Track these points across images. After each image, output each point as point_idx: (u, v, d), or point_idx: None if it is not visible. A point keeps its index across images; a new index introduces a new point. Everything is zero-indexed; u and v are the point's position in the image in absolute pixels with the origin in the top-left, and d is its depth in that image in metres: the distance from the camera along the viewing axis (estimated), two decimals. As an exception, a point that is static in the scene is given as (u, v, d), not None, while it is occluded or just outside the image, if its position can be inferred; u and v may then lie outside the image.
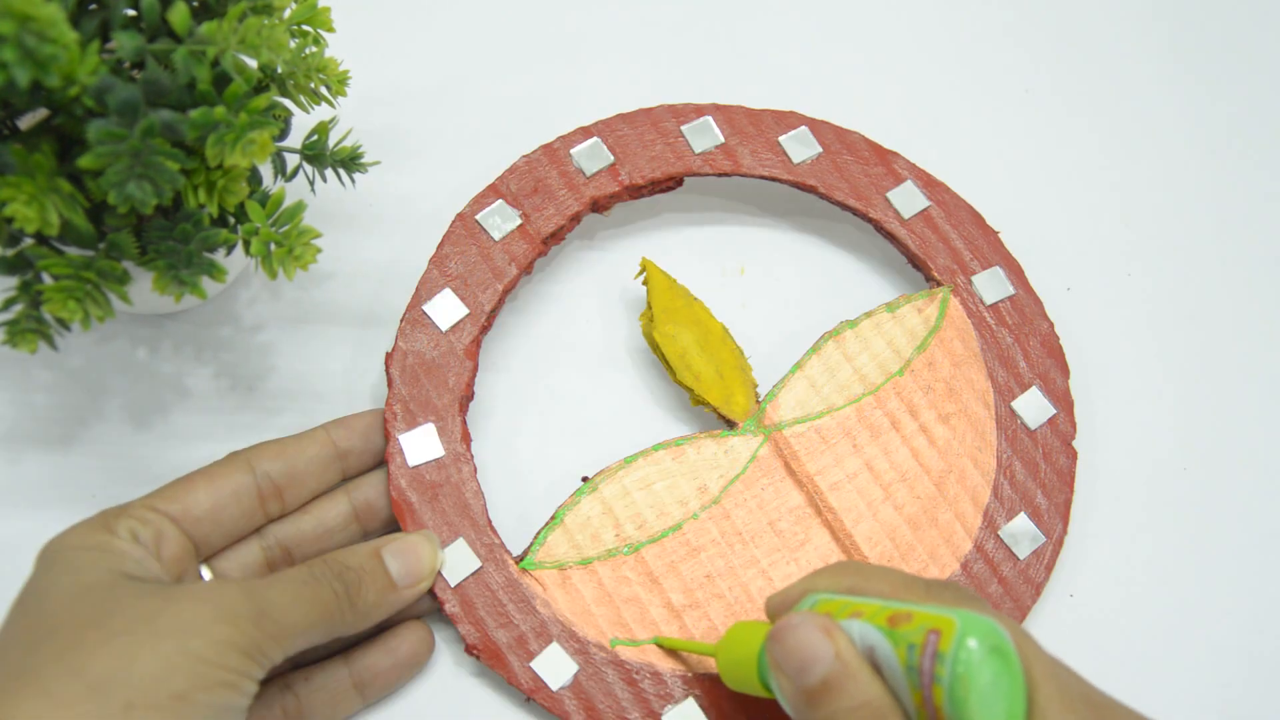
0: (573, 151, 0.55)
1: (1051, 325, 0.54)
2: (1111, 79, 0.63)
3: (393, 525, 0.48)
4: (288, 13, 0.45)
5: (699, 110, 0.57)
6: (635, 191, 0.55)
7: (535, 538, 0.49)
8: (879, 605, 0.38)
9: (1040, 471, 0.52)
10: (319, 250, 0.44)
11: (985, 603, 0.39)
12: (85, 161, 0.37)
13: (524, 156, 0.55)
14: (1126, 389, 0.56)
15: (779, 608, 0.42)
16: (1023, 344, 0.54)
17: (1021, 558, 0.50)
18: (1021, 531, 0.50)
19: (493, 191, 0.54)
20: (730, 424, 0.52)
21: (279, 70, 0.45)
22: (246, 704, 0.39)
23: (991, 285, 0.55)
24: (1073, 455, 0.52)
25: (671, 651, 0.48)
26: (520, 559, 0.48)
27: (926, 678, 0.35)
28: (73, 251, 0.43)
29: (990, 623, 0.36)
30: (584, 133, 0.55)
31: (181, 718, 0.37)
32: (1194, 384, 0.56)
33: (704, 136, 0.56)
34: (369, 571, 0.44)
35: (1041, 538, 0.50)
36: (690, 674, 0.47)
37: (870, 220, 0.56)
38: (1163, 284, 0.58)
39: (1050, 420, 0.53)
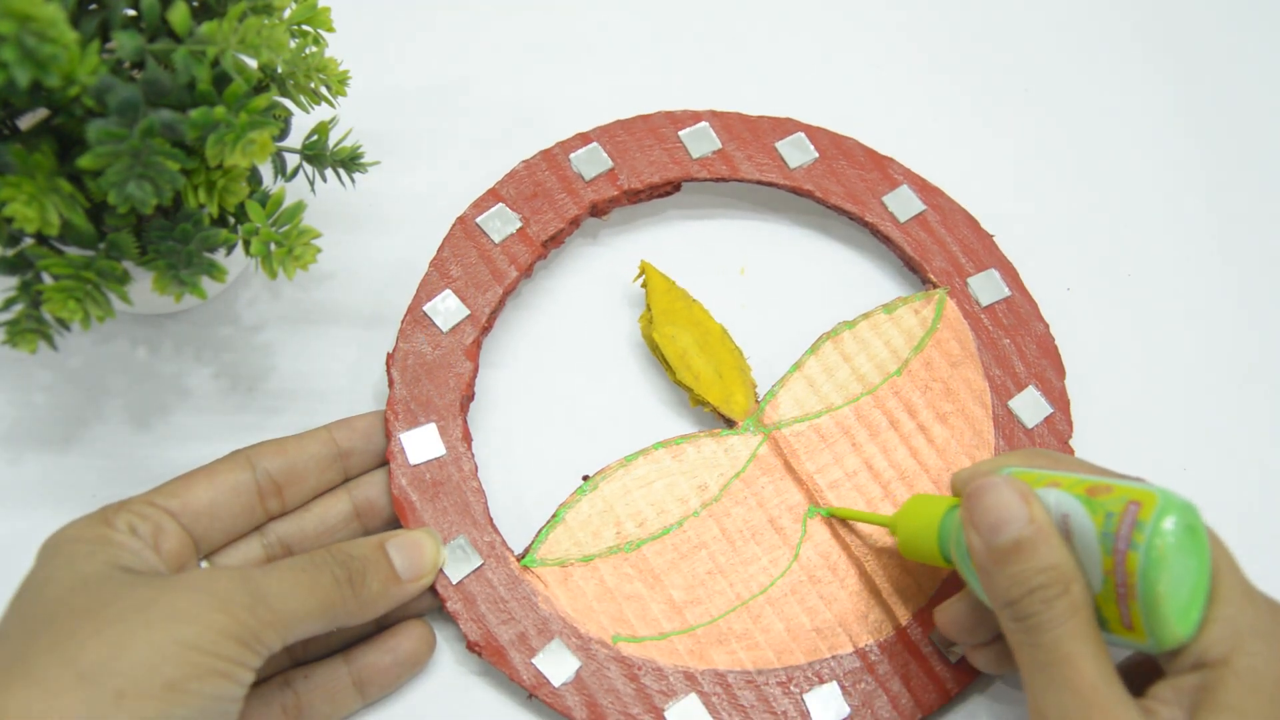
0: (572, 156, 0.55)
1: (1047, 327, 0.55)
2: (1109, 80, 0.64)
3: (394, 524, 0.49)
4: (288, 13, 0.45)
5: (696, 116, 0.57)
6: (634, 196, 0.55)
7: (536, 536, 0.49)
8: (1077, 478, 0.41)
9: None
10: (319, 250, 0.44)
11: None
12: (85, 161, 0.37)
13: (523, 162, 0.55)
14: (1127, 389, 0.56)
15: (968, 482, 0.43)
16: (1018, 345, 0.54)
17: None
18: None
19: (492, 195, 0.54)
20: (730, 423, 0.52)
21: (279, 70, 0.46)
22: (242, 693, 0.39)
23: (987, 287, 0.55)
24: (1069, 454, 0.52)
25: (671, 648, 0.48)
26: (521, 557, 0.48)
27: (1123, 543, 0.37)
28: (73, 251, 0.43)
29: (1189, 503, 0.38)
30: (582, 139, 0.56)
31: (174, 706, 0.37)
32: (1194, 384, 0.56)
33: (701, 142, 0.56)
34: (373, 562, 0.44)
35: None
36: (692, 670, 0.47)
37: (866, 224, 0.56)
38: (1162, 284, 0.58)
39: (1047, 419, 0.53)
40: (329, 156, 0.48)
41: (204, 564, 0.45)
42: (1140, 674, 0.42)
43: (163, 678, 0.37)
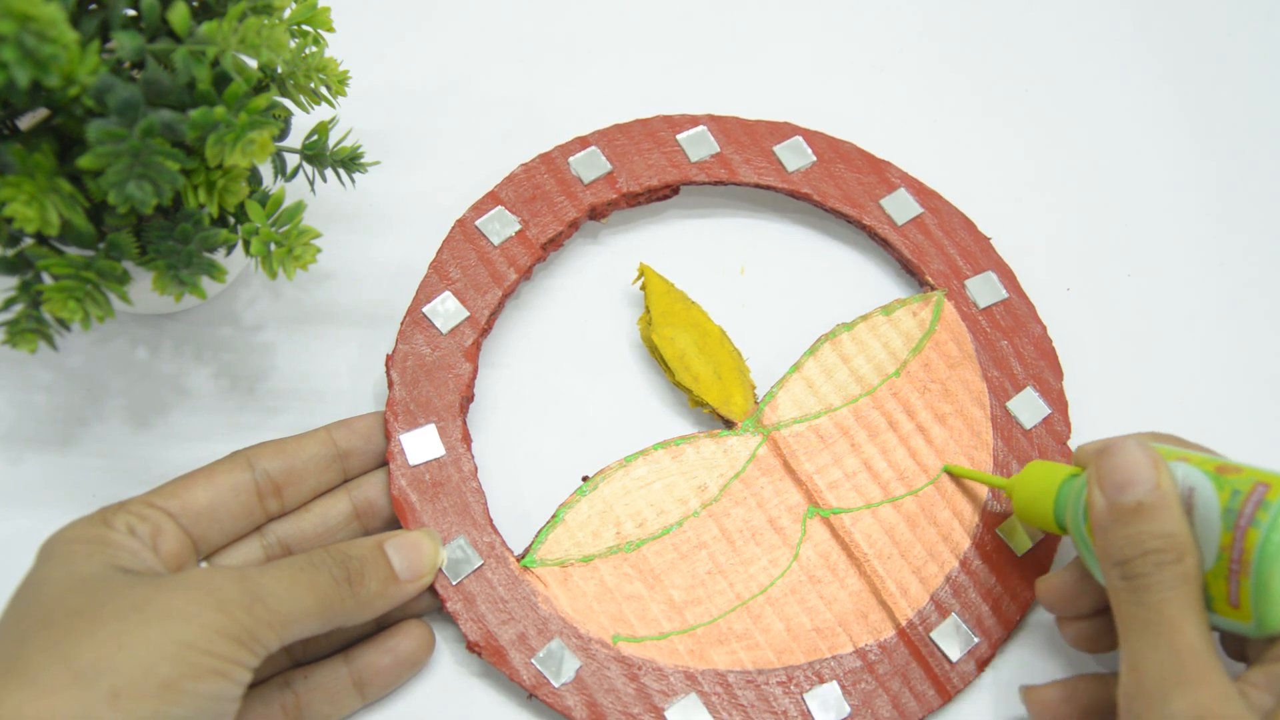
0: (570, 160, 0.55)
1: (1044, 328, 0.55)
2: (1106, 82, 0.64)
3: (393, 524, 0.49)
4: (288, 13, 0.45)
5: (694, 120, 0.57)
6: (632, 199, 0.55)
7: (536, 536, 0.49)
8: (1207, 456, 0.42)
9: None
10: (319, 250, 0.44)
11: None
12: (85, 161, 0.37)
13: (522, 165, 0.55)
14: (1127, 389, 0.56)
15: (1095, 450, 0.44)
16: (1016, 346, 0.54)
17: (1020, 554, 0.50)
18: (1020, 530, 0.51)
19: (492, 198, 0.54)
20: (729, 424, 0.52)
21: (279, 70, 0.46)
22: (239, 692, 0.39)
23: (984, 290, 0.55)
24: (1067, 455, 0.52)
25: (672, 648, 0.48)
26: (521, 557, 0.48)
27: (1245, 520, 0.38)
28: (73, 251, 0.43)
29: None
30: (581, 142, 0.56)
31: (170, 705, 0.37)
32: (1192, 385, 0.56)
33: (699, 146, 0.56)
34: (371, 561, 0.44)
35: (1040, 534, 0.51)
36: (693, 669, 0.47)
37: (864, 227, 0.56)
38: (1161, 286, 0.58)
39: (1045, 420, 0.53)
40: (329, 156, 0.48)
41: (203, 564, 0.45)
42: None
43: (159, 677, 0.37)
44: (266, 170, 0.48)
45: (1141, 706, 0.39)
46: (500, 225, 0.54)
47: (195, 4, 0.42)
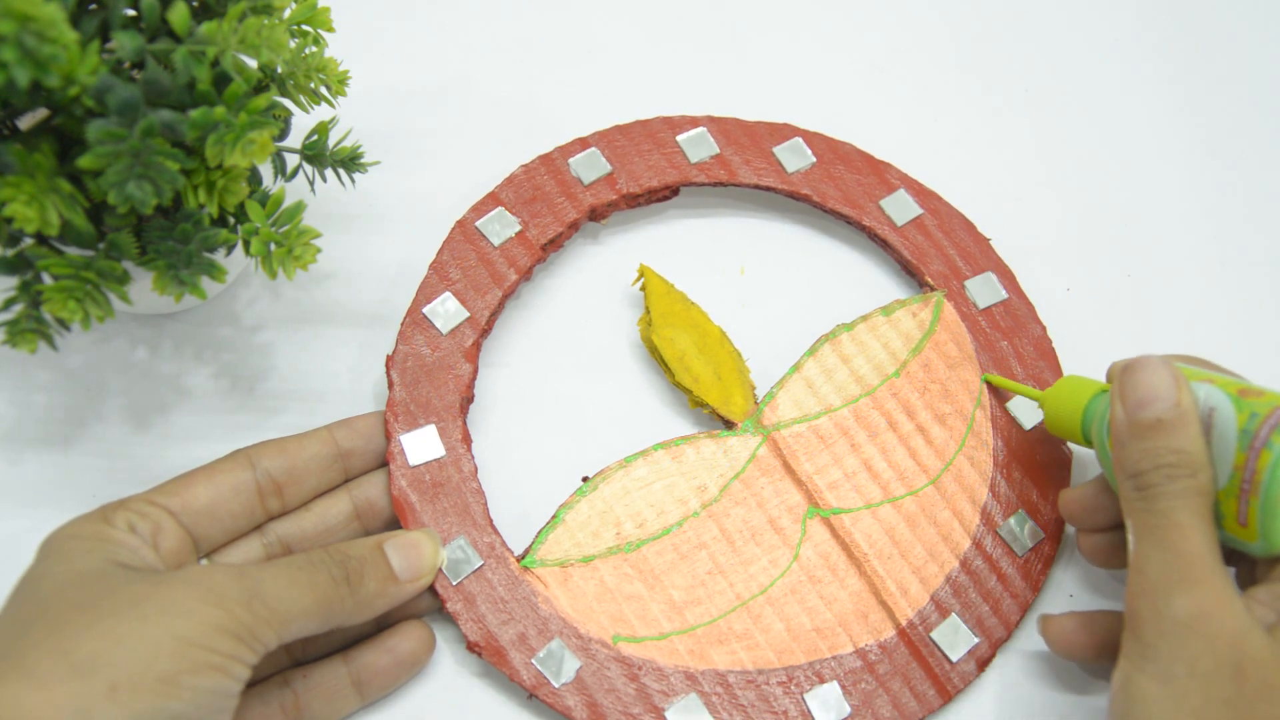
0: (570, 161, 0.55)
1: (1044, 329, 0.55)
2: (1106, 83, 0.64)
3: (394, 524, 0.49)
4: (288, 13, 0.45)
5: (694, 122, 0.57)
6: (632, 200, 0.55)
7: (536, 536, 0.49)
8: (1232, 379, 0.42)
9: (1036, 470, 0.52)
10: (319, 250, 0.44)
11: None
12: (85, 161, 0.37)
13: (522, 166, 0.55)
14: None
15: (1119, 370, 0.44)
16: (1016, 347, 0.54)
17: (1020, 555, 0.50)
18: (1019, 528, 0.51)
19: (492, 199, 0.54)
20: (729, 424, 0.52)
21: (279, 70, 0.46)
22: (237, 689, 0.39)
23: (984, 290, 0.55)
24: (1068, 454, 0.52)
25: (671, 648, 0.48)
26: (521, 557, 0.48)
27: (1260, 441, 0.39)
28: (73, 251, 0.43)
29: None
30: (581, 143, 0.56)
31: (167, 700, 0.37)
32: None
33: (699, 147, 0.56)
34: (371, 561, 0.44)
35: (1040, 534, 0.51)
36: (693, 670, 0.47)
37: (864, 228, 0.56)
38: (1160, 287, 0.58)
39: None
40: (329, 156, 0.48)
41: (203, 562, 0.45)
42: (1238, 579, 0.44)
43: (156, 671, 0.37)
44: (266, 170, 0.48)
45: (1145, 605, 0.40)
46: (500, 226, 0.54)
47: (195, 4, 0.42)
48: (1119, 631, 0.43)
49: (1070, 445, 0.53)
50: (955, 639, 0.48)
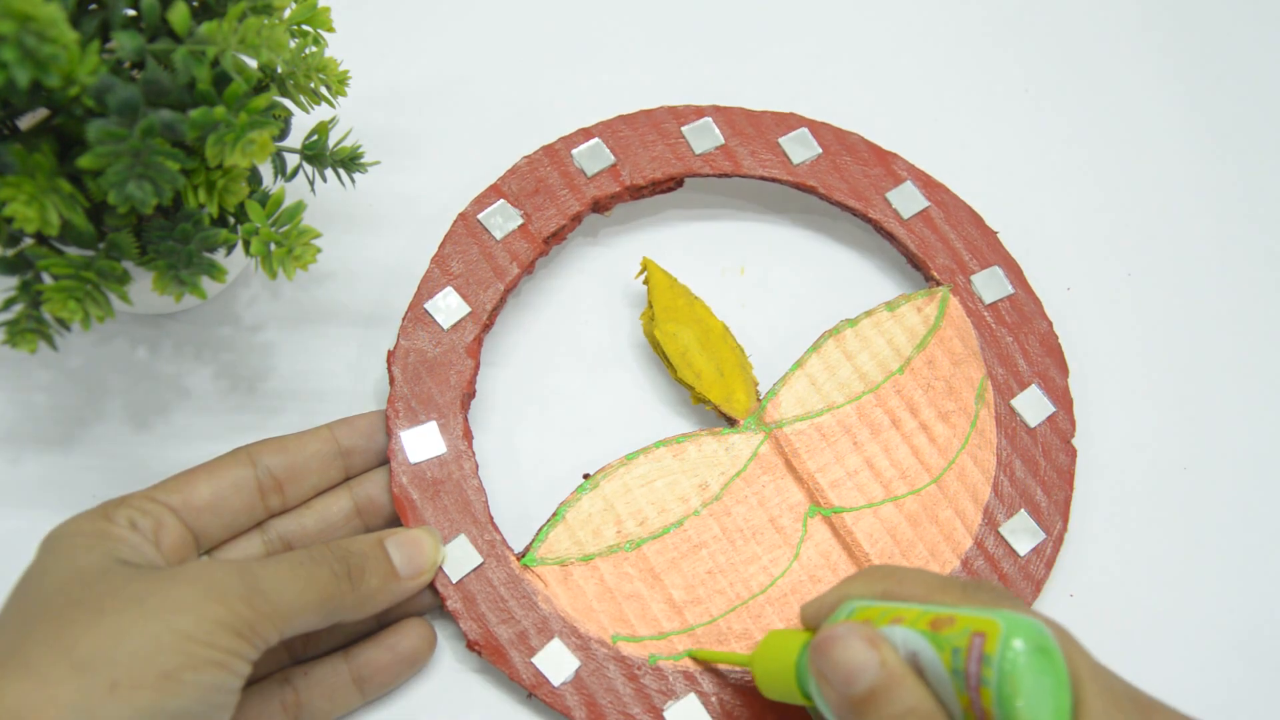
0: (574, 152, 0.55)
1: (1050, 324, 0.55)
2: (1111, 79, 0.63)
3: (394, 522, 0.49)
4: (288, 13, 0.45)
5: (699, 112, 0.57)
6: (636, 192, 0.55)
7: (537, 534, 0.49)
8: (919, 610, 0.38)
9: (1040, 469, 0.52)
10: (319, 250, 0.44)
11: (1022, 602, 0.39)
12: (85, 161, 0.37)
13: (525, 157, 0.55)
14: (1127, 388, 0.56)
15: (815, 616, 0.42)
16: (1022, 343, 0.54)
17: (1022, 554, 0.50)
18: (1022, 528, 0.50)
19: (494, 191, 0.54)
20: (731, 421, 0.52)
21: (279, 70, 0.45)
22: (238, 684, 0.39)
23: (990, 285, 0.55)
24: (1072, 453, 0.52)
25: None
26: (522, 555, 0.48)
27: (974, 680, 0.35)
28: (73, 251, 0.43)
29: (1033, 622, 0.36)
30: (585, 134, 0.56)
31: (169, 696, 0.37)
32: (1194, 383, 0.56)
33: (704, 137, 0.56)
34: (372, 558, 0.44)
35: (1041, 534, 0.50)
36: (692, 670, 0.47)
37: (870, 220, 0.56)
38: (1162, 284, 0.58)
39: (1050, 418, 0.53)
40: (329, 156, 0.48)
41: (204, 558, 0.45)
42: None
43: (157, 668, 0.37)
44: (266, 170, 0.48)
45: None
46: (502, 219, 0.54)
47: (195, 4, 0.42)
48: None
49: (1075, 443, 0.52)
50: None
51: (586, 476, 0.50)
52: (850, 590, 0.41)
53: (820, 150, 0.57)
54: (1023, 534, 0.50)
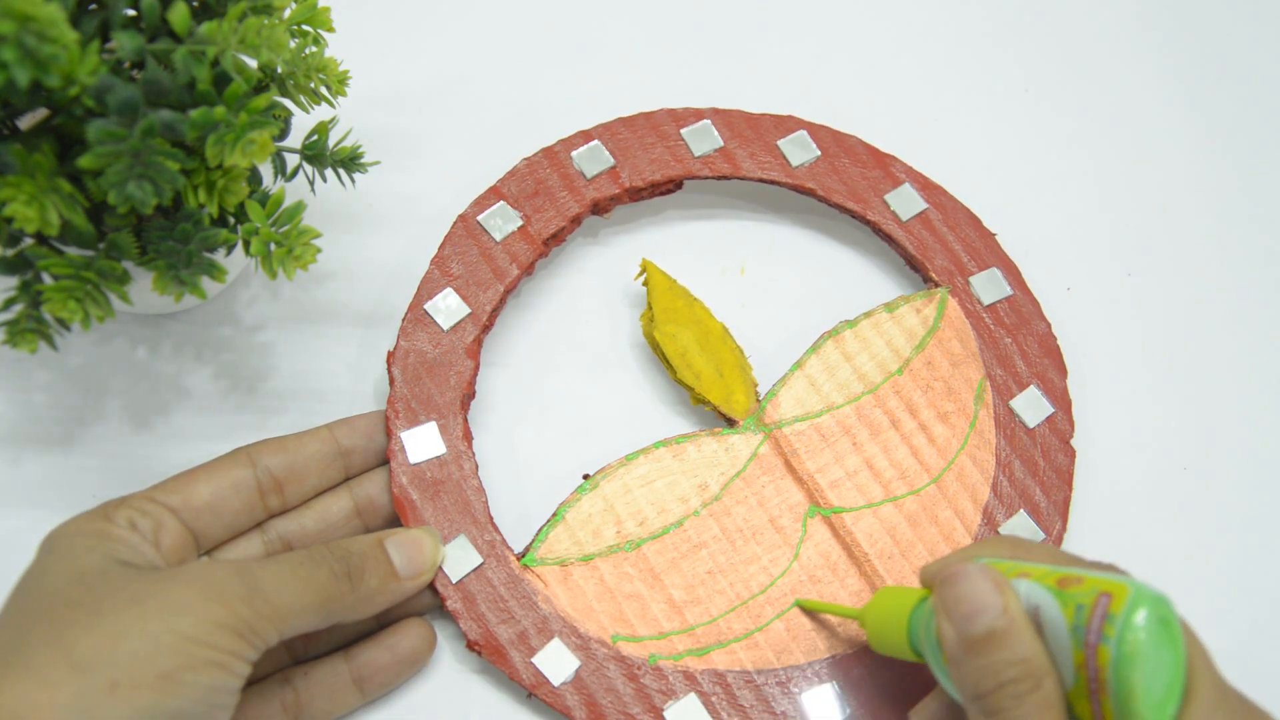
0: (573, 154, 0.55)
1: (1049, 326, 0.55)
2: (1111, 79, 0.64)
3: (394, 522, 0.49)
4: (288, 13, 0.45)
5: (698, 114, 0.57)
6: (635, 194, 0.55)
7: (537, 534, 0.49)
8: (1048, 569, 0.39)
9: (1039, 469, 0.52)
10: (319, 250, 0.44)
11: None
12: (85, 161, 0.37)
13: (524, 159, 0.55)
14: (1127, 388, 0.56)
15: (936, 575, 0.42)
16: (1020, 344, 0.54)
17: None
18: (1021, 528, 0.50)
19: (494, 193, 0.54)
20: (730, 422, 0.52)
21: (279, 70, 0.46)
22: (238, 685, 0.39)
23: (989, 286, 0.55)
24: (1071, 454, 0.52)
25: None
26: (522, 556, 0.48)
27: (1094, 636, 0.36)
28: (73, 251, 0.43)
29: (1162, 595, 0.36)
30: (584, 136, 0.56)
31: (168, 697, 0.37)
32: (1194, 383, 0.56)
33: (703, 140, 0.56)
34: (372, 558, 0.44)
35: (1041, 534, 0.50)
36: (692, 670, 0.47)
37: (868, 222, 0.56)
38: (1162, 284, 0.58)
39: (1048, 419, 0.53)
40: (329, 156, 0.48)
41: (204, 559, 0.45)
42: None
43: (157, 668, 0.37)
44: (266, 170, 0.48)
45: None
46: (502, 220, 0.54)
47: (195, 4, 0.42)
48: None
49: (1074, 444, 0.52)
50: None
51: (586, 477, 0.50)
52: (979, 552, 0.42)
53: (819, 153, 0.57)
54: (1022, 534, 0.50)
